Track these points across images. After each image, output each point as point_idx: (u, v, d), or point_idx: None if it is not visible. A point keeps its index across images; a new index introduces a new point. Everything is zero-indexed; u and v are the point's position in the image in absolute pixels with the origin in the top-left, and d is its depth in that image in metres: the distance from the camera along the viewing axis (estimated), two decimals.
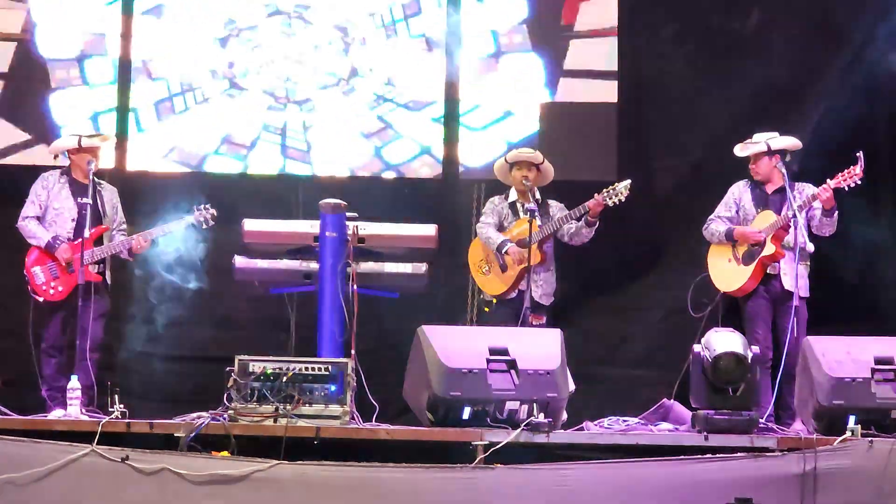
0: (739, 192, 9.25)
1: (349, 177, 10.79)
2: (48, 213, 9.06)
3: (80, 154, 9.04)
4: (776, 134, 9.18)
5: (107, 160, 9.89)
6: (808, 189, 9.04)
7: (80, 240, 8.75)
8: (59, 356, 8.91)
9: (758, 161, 9.15)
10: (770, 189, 9.17)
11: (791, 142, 9.18)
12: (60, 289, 8.91)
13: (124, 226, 9.25)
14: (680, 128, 10.56)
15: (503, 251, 9.23)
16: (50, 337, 8.96)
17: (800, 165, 9.44)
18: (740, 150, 9.23)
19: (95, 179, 9.12)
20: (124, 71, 10.78)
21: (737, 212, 9.22)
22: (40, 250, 8.98)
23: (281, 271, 9.02)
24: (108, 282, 9.10)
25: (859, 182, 8.78)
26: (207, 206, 9.16)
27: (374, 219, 9.11)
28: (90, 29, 10.82)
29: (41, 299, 8.94)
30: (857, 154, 8.76)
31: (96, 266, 8.95)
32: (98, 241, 9.01)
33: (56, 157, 9.23)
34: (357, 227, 8.92)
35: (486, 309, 9.44)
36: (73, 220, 8.97)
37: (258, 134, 10.86)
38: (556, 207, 9.43)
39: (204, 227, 9.17)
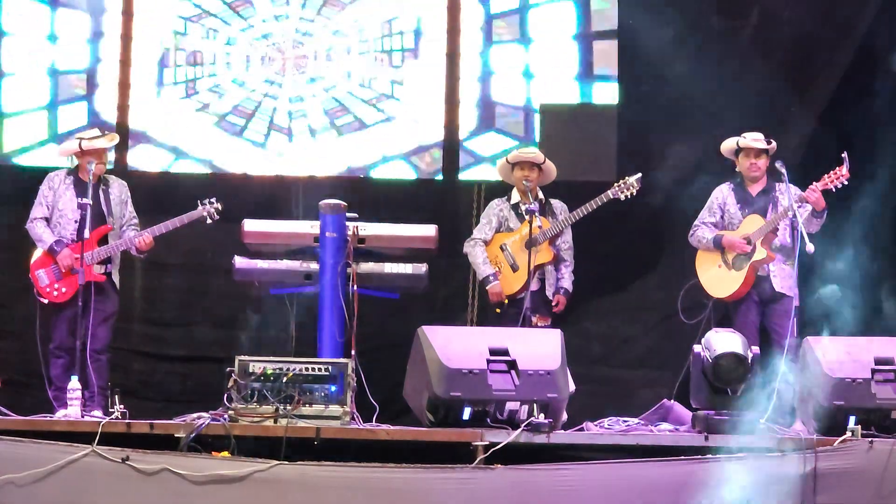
0: (723, 195, 9.20)
1: (349, 177, 10.79)
2: (53, 214, 9.03)
3: (85, 156, 9.01)
4: (761, 135, 9.15)
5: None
6: (792, 189, 8.98)
7: (80, 241, 8.73)
8: (66, 357, 8.87)
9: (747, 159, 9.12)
10: (755, 190, 9.15)
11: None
12: (64, 290, 8.87)
13: (135, 221, 9.15)
14: (680, 128, 10.55)
15: (486, 287, 9.32)
16: (56, 338, 8.93)
17: (799, 166, 9.44)
18: (727, 147, 9.23)
19: (104, 177, 9.11)
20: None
21: (721, 216, 9.19)
22: (44, 252, 8.96)
23: (281, 271, 9.00)
24: (116, 282, 9.07)
25: (846, 182, 8.80)
26: (213, 200, 9.12)
27: (374, 219, 9.11)
28: None
29: (46, 301, 8.92)
30: (843, 155, 8.80)
31: (101, 266, 8.93)
32: (102, 241, 8.99)
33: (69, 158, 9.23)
34: (357, 227, 8.90)
35: (498, 311, 9.40)
36: (75, 221, 8.91)
37: (258, 133, 10.87)
38: (559, 207, 9.43)
39: (209, 221, 9.13)
